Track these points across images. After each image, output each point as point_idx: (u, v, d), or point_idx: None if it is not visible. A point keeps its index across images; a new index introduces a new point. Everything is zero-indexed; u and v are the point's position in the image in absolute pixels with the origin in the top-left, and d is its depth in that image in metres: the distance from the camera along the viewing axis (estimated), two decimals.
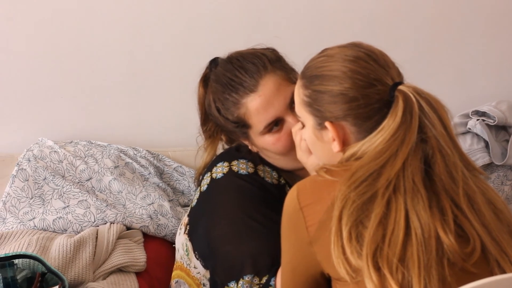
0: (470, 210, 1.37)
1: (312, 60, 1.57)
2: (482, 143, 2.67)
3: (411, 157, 1.38)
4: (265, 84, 1.83)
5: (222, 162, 1.92)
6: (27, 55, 2.54)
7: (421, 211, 1.32)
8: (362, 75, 1.46)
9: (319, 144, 1.56)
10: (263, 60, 1.86)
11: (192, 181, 2.52)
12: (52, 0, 2.51)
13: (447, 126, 1.42)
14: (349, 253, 1.30)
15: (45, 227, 2.21)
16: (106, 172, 2.39)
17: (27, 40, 2.53)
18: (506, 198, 2.68)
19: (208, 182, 1.92)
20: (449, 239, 1.31)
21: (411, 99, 1.41)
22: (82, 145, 2.48)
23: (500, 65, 3.01)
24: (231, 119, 1.87)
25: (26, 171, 2.32)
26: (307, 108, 1.54)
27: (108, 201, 2.33)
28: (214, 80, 1.91)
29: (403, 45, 2.86)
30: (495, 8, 2.93)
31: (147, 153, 2.56)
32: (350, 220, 1.32)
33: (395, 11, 2.85)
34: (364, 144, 1.44)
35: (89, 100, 2.63)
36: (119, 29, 2.60)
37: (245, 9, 2.69)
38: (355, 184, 1.36)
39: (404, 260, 1.28)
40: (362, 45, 1.52)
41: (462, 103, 2.80)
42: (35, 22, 2.52)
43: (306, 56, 1.59)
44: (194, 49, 2.63)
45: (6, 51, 2.53)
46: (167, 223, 2.32)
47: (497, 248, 1.36)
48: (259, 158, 1.94)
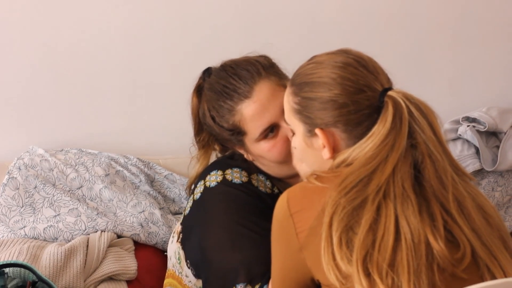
0: (460, 215, 1.37)
1: (301, 67, 1.57)
2: (472, 149, 2.68)
3: (401, 163, 1.38)
4: (259, 90, 1.83)
5: (216, 171, 1.92)
6: (17, 63, 2.53)
7: (410, 217, 1.32)
8: (351, 81, 1.46)
9: (310, 151, 1.56)
10: (256, 67, 1.85)
11: (183, 189, 2.52)
12: (45, 8, 2.51)
13: (436, 131, 1.42)
14: (339, 259, 1.30)
15: (35, 236, 2.21)
16: (97, 180, 2.38)
17: (18, 48, 2.53)
18: (496, 204, 2.68)
19: (201, 191, 1.91)
20: (439, 245, 1.31)
21: (401, 104, 1.41)
22: (73, 153, 2.47)
23: (490, 72, 3.02)
24: (226, 127, 1.87)
25: (16, 179, 2.31)
26: (297, 115, 1.54)
27: (99, 209, 2.33)
28: (208, 88, 1.91)
29: (395, 52, 2.87)
30: (486, 16, 2.95)
31: (137, 161, 2.55)
32: (340, 226, 1.32)
33: (387, 19, 2.86)
34: (354, 150, 1.44)
35: (79, 108, 2.62)
36: (111, 38, 2.60)
37: (239, 17, 2.69)
38: (346, 190, 1.36)
39: (394, 265, 1.28)
40: (351, 51, 1.53)
41: (452, 109, 2.81)
42: (27, 30, 2.51)
43: (299, 62, 1.60)
44: (186, 57, 2.64)
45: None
46: (158, 231, 2.31)
47: (487, 253, 1.36)
48: (253, 167, 1.93)
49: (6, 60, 2.53)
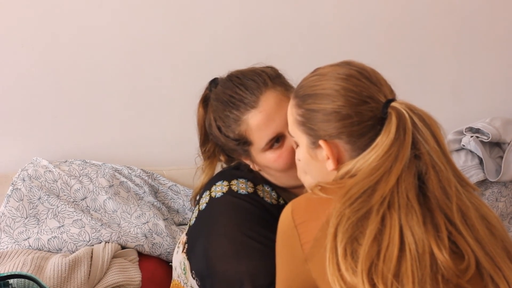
0: (464, 225, 1.37)
1: (304, 80, 1.58)
2: (476, 159, 2.68)
3: (405, 173, 1.38)
4: (265, 100, 1.83)
5: (222, 181, 1.92)
6: (20, 74, 2.54)
7: (415, 227, 1.32)
8: (354, 93, 1.46)
9: (314, 163, 1.56)
10: (263, 77, 1.86)
11: (187, 200, 2.52)
12: (48, 19, 2.52)
13: (440, 141, 1.43)
14: (344, 270, 1.30)
15: (40, 247, 2.20)
16: (101, 191, 2.39)
17: (21, 60, 2.53)
18: (500, 214, 2.68)
19: (207, 201, 1.91)
20: (443, 256, 1.31)
21: (404, 115, 1.41)
22: (77, 165, 2.47)
23: (494, 82, 3.02)
24: (232, 137, 1.87)
25: (20, 190, 2.32)
26: (300, 127, 1.55)
27: (103, 220, 2.33)
28: (214, 99, 1.91)
29: (398, 63, 2.88)
30: (488, 25, 2.95)
31: (141, 172, 2.55)
32: (345, 237, 1.32)
33: (389, 29, 2.86)
34: (358, 162, 1.45)
35: (83, 120, 2.63)
36: (114, 49, 2.60)
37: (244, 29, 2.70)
38: (350, 201, 1.36)
39: (399, 275, 1.28)
40: (354, 63, 1.53)
41: (456, 120, 2.81)
42: (30, 41, 2.52)
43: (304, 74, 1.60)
44: (190, 68, 2.64)
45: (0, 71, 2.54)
46: (162, 242, 2.31)
47: (491, 263, 1.36)
48: (259, 178, 1.93)
49: (9, 71, 2.53)
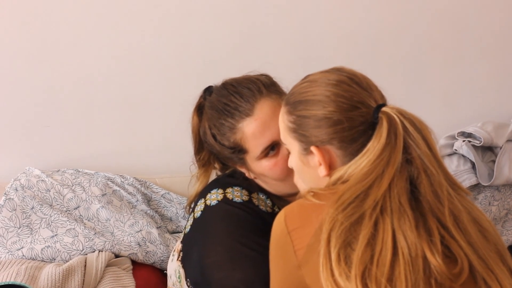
0: (456, 229, 1.38)
1: (295, 87, 1.58)
2: (468, 164, 2.68)
3: (397, 178, 1.39)
4: (260, 108, 1.83)
5: (217, 189, 1.92)
6: (12, 83, 2.53)
7: (407, 231, 1.33)
8: (345, 98, 1.46)
9: (306, 170, 1.56)
10: (257, 85, 1.86)
11: (180, 208, 2.52)
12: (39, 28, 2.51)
13: (431, 146, 1.43)
14: (337, 275, 1.30)
15: (33, 256, 2.20)
16: (94, 200, 2.38)
17: (12, 69, 2.53)
18: (493, 218, 2.68)
19: (202, 209, 1.91)
20: (436, 260, 1.31)
21: (395, 120, 1.42)
22: (69, 174, 2.47)
23: (485, 87, 3.03)
24: (227, 145, 1.87)
25: (13, 200, 2.31)
26: (292, 134, 1.55)
27: (96, 229, 2.32)
28: (209, 107, 1.91)
29: (390, 68, 2.88)
30: (480, 31, 2.96)
31: (134, 180, 2.55)
32: (338, 242, 1.32)
33: (381, 35, 2.86)
34: (350, 167, 1.45)
35: (75, 129, 2.62)
36: (106, 58, 2.60)
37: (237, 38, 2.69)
38: (343, 206, 1.36)
39: (392, 280, 1.28)
40: (344, 69, 1.53)
41: (448, 125, 2.81)
42: (21, 51, 2.52)
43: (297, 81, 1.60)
44: (183, 77, 2.64)
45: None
46: (155, 250, 2.31)
47: (483, 266, 1.37)
48: (254, 186, 1.93)
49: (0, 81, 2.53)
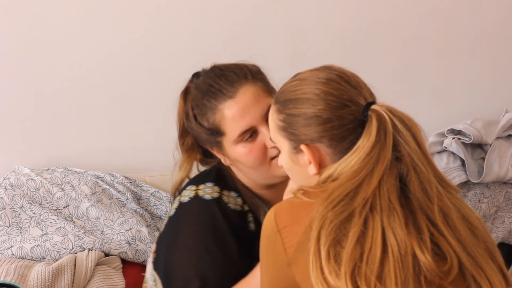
0: (446, 226, 1.38)
1: (285, 85, 1.58)
2: (458, 161, 2.69)
3: (386, 176, 1.39)
4: (244, 92, 1.84)
5: (191, 186, 1.94)
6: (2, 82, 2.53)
7: (397, 229, 1.33)
8: (335, 96, 1.46)
9: (296, 168, 1.56)
10: (244, 71, 1.87)
11: (170, 206, 2.51)
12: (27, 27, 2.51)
13: (420, 143, 1.43)
14: (327, 273, 1.30)
15: (23, 255, 2.20)
16: (83, 199, 2.38)
17: (2, 68, 2.52)
18: (483, 215, 2.69)
19: (176, 207, 1.93)
20: (425, 257, 1.31)
21: (385, 117, 1.42)
22: (59, 172, 2.47)
23: (474, 84, 3.04)
24: (206, 126, 1.87)
25: (3, 199, 2.31)
26: (282, 132, 1.55)
27: (86, 227, 2.32)
28: (194, 88, 1.91)
29: (380, 66, 2.89)
30: (469, 28, 2.97)
31: (124, 178, 2.55)
32: (328, 240, 1.32)
33: (371, 33, 2.87)
34: (340, 165, 1.45)
35: (65, 127, 2.62)
36: (95, 57, 2.59)
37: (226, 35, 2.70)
38: (333, 204, 1.36)
39: (382, 277, 1.28)
40: (334, 67, 1.53)
41: (437, 122, 2.82)
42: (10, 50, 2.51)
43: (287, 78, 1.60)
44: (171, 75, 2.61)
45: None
46: (145, 248, 2.31)
47: (473, 264, 1.37)
48: (227, 183, 1.95)
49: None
